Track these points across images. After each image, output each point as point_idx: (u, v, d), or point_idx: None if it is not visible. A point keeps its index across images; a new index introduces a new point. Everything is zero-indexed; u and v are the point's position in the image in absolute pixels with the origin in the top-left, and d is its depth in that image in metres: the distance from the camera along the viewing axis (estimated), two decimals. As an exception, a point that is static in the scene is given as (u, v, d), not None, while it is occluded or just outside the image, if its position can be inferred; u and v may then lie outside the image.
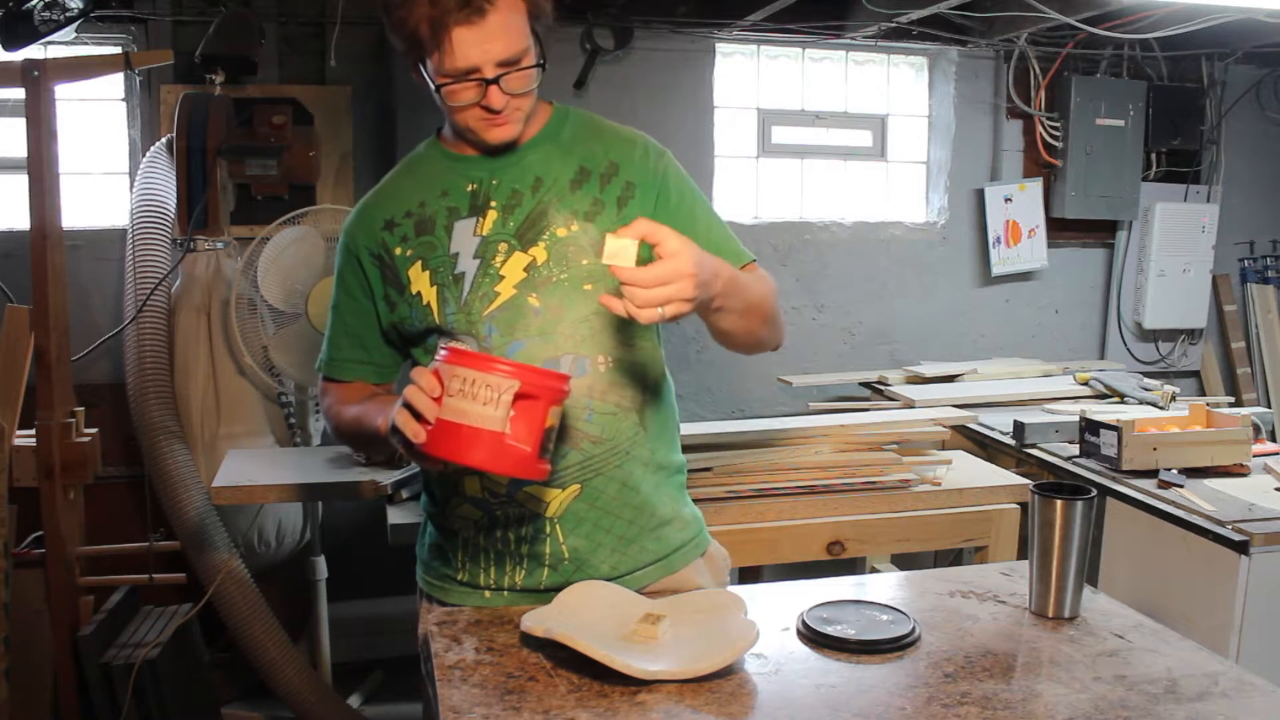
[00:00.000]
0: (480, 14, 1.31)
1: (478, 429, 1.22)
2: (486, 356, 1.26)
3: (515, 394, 1.22)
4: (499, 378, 1.23)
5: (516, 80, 1.38)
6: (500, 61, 1.35)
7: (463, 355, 1.26)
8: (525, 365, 1.25)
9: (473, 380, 1.23)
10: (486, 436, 1.22)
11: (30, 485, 2.39)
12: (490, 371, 1.23)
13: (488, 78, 1.36)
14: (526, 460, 1.25)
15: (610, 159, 1.50)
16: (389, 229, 1.51)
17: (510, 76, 1.37)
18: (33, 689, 2.44)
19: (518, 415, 1.23)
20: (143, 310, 3.04)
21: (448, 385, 1.24)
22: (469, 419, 1.22)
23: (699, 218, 1.52)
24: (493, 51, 1.34)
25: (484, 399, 1.22)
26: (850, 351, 4.03)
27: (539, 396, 1.24)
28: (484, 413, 1.22)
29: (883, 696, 1.20)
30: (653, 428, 1.53)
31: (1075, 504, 1.41)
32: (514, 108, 1.41)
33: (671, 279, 1.22)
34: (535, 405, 1.24)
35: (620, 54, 3.64)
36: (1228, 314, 4.36)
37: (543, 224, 1.46)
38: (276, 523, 3.18)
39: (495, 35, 1.33)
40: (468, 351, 1.28)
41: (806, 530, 2.35)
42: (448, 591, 1.56)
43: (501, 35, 1.34)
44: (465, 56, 1.34)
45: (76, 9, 2.91)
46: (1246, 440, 2.56)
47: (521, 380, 1.23)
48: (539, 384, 1.24)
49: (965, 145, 4.05)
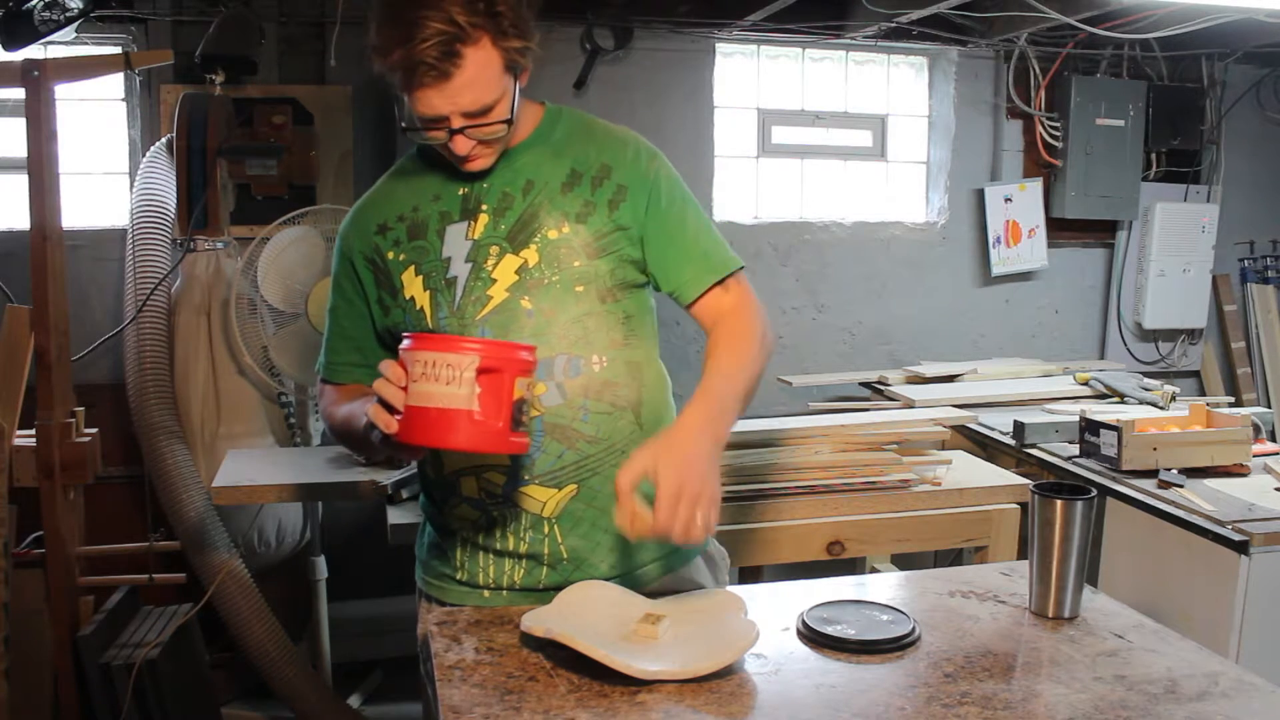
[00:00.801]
0: (445, 76, 1.32)
1: (445, 409, 1.22)
2: (445, 336, 1.26)
3: (477, 369, 1.22)
4: (457, 355, 1.22)
5: (484, 131, 1.39)
6: (467, 113, 1.36)
7: (422, 339, 1.26)
8: (485, 340, 1.25)
9: (433, 362, 1.23)
10: (455, 416, 1.22)
11: (30, 485, 2.39)
12: (448, 350, 1.23)
13: (453, 127, 1.37)
14: (499, 435, 1.24)
15: (602, 161, 1.50)
16: (382, 233, 1.51)
17: (478, 128, 1.38)
18: (33, 689, 2.44)
19: (484, 391, 1.23)
20: (143, 310, 3.04)
21: (411, 371, 1.24)
22: (435, 400, 1.22)
23: (688, 221, 1.52)
24: (460, 104, 1.35)
25: (446, 379, 1.22)
26: (850, 351, 4.03)
27: (502, 369, 1.24)
28: (448, 392, 1.22)
29: (883, 696, 1.20)
30: (650, 427, 1.53)
31: (1075, 504, 1.41)
32: (484, 149, 1.43)
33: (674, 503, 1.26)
34: (500, 378, 1.24)
35: (620, 54, 3.64)
36: (1228, 314, 4.36)
37: (534, 226, 1.46)
38: (276, 523, 3.18)
39: (462, 90, 1.34)
40: (427, 335, 1.29)
41: (806, 530, 2.35)
42: (447, 591, 1.56)
43: (469, 90, 1.34)
44: (432, 107, 1.35)
45: (76, 9, 2.91)
46: (1246, 440, 2.56)
47: (481, 355, 1.23)
48: (499, 356, 1.24)
49: (965, 145, 4.05)
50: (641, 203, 1.49)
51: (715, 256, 1.52)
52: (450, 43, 1.30)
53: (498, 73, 1.36)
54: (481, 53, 1.33)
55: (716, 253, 1.53)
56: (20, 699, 2.39)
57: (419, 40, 1.29)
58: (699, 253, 1.51)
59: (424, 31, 1.29)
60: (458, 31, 1.30)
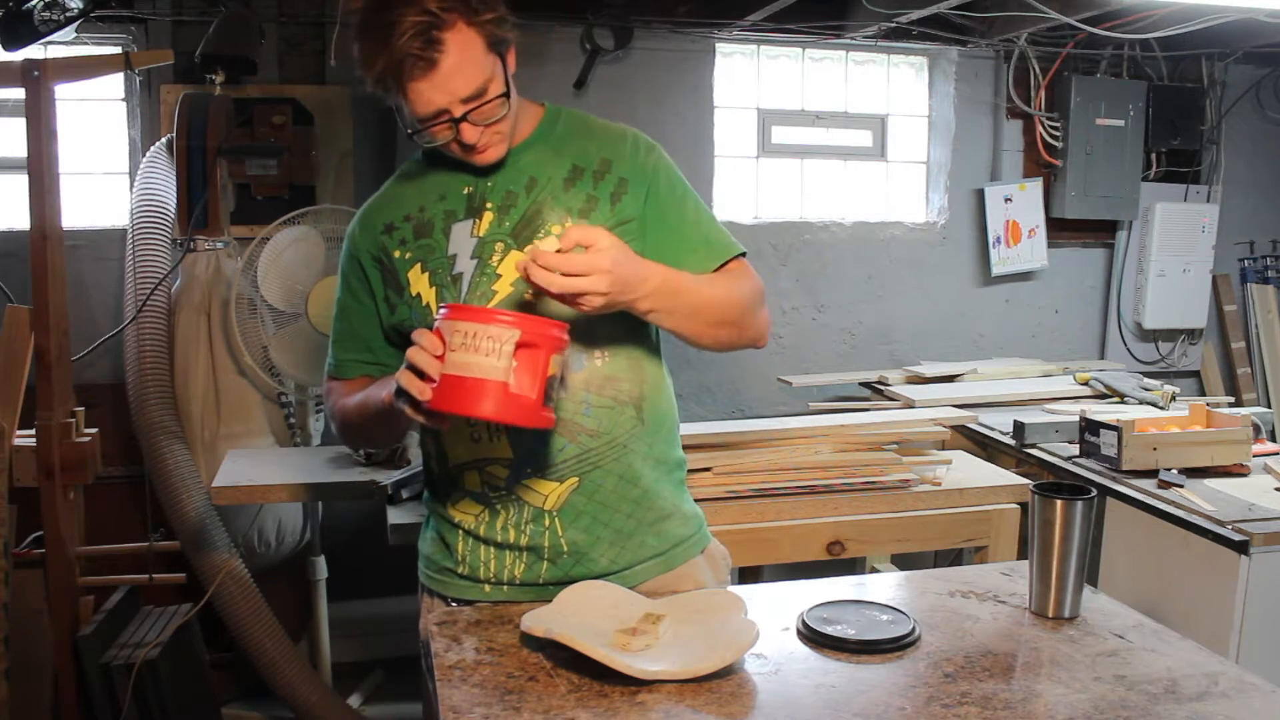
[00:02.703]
0: (431, 64, 1.34)
1: (482, 380, 1.24)
2: (485, 309, 1.28)
3: (516, 343, 1.24)
4: (500, 328, 1.24)
5: (485, 112, 1.40)
6: (464, 99, 1.38)
7: (462, 310, 1.28)
8: (524, 314, 1.27)
9: (474, 333, 1.24)
10: (491, 387, 1.24)
11: (30, 485, 2.39)
12: (491, 322, 1.25)
13: (455, 117, 1.39)
14: (532, 408, 1.26)
15: (602, 156, 1.52)
16: (388, 233, 1.53)
17: (478, 110, 1.39)
18: (33, 689, 2.44)
19: (520, 365, 1.25)
20: (143, 310, 3.03)
21: (449, 340, 1.26)
22: (472, 370, 1.24)
23: (688, 210, 1.54)
24: (454, 90, 1.37)
25: (486, 350, 1.24)
26: (850, 351, 4.03)
27: (540, 345, 1.26)
28: (487, 364, 1.24)
29: (883, 696, 1.20)
30: (651, 422, 1.54)
31: (1075, 504, 1.41)
32: (492, 133, 1.44)
33: (586, 271, 1.27)
34: (537, 354, 1.26)
35: (620, 54, 3.64)
36: (1228, 314, 4.36)
37: (538, 223, 1.48)
38: (276, 523, 3.18)
39: (452, 76, 1.35)
40: (467, 306, 1.31)
41: (806, 530, 2.35)
42: (448, 585, 1.57)
43: (458, 74, 1.36)
44: (428, 102, 1.37)
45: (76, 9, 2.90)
46: (1246, 440, 2.56)
47: (522, 329, 1.25)
48: (539, 332, 1.26)
49: (965, 145, 4.05)
50: (641, 194, 1.51)
51: (717, 244, 1.54)
52: (427, 30, 1.32)
53: (481, 52, 1.37)
54: (460, 35, 1.35)
55: (718, 240, 1.55)
56: (20, 699, 2.39)
57: (397, 36, 1.32)
58: (700, 240, 1.53)
59: (400, 27, 1.32)
60: (432, 19, 1.33)
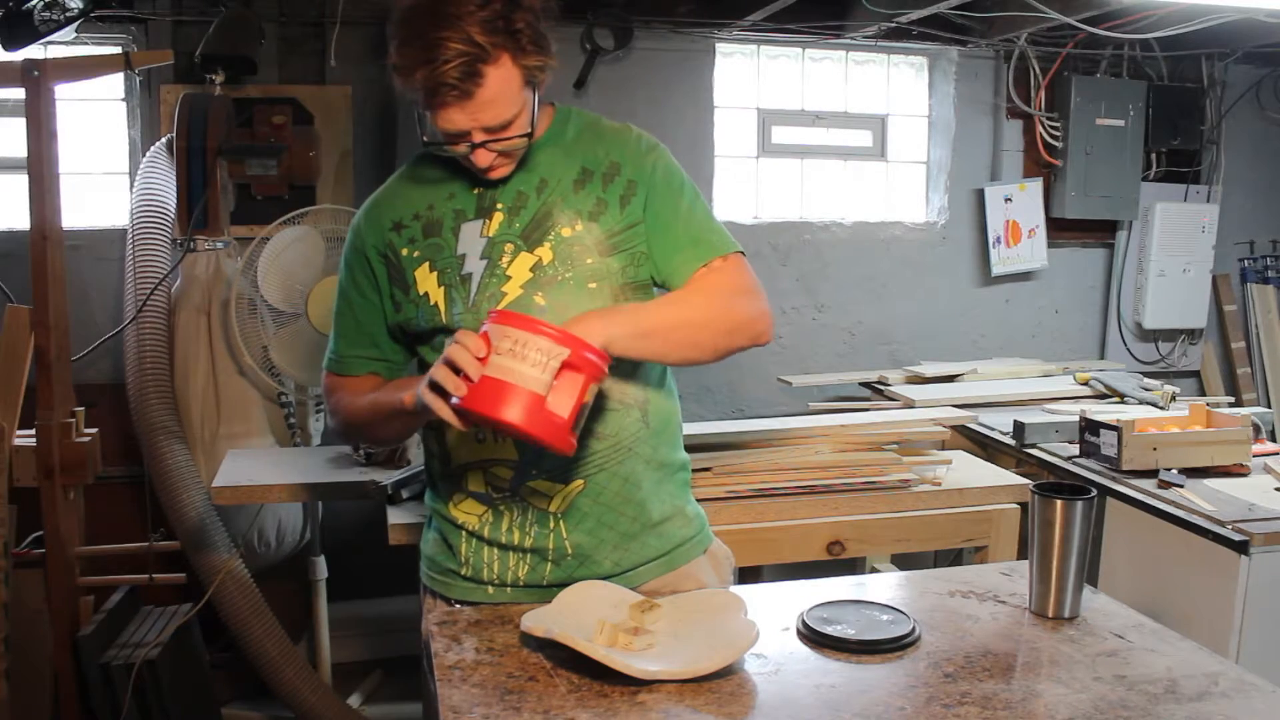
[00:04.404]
0: (467, 95, 1.34)
1: (521, 388, 1.24)
2: (540, 321, 1.28)
3: (563, 362, 1.25)
4: (551, 343, 1.26)
5: (504, 145, 1.41)
6: (488, 128, 1.38)
7: (516, 318, 1.29)
8: (575, 337, 1.27)
9: (525, 342, 1.26)
10: (528, 397, 1.25)
11: (30, 485, 2.39)
12: (543, 335, 1.26)
13: (474, 142, 1.39)
14: (561, 428, 1.27)
15: (612, 159, 1.52)
16: (397, 230, 1.53)
17: (498, 142, 1.40)
18: (33, 689, 2.44)
19: (560, 383, 1.26)
20: (143, 310, 3.03)
21: (496, 344, 1.27)
22: (514, 378, 1.25)
23: (681, 208, 1.52)
24: (481, 120, 1.37)
25: (533, 361, 1.25)
26: (850, 351, 4.03)
27: (583, 369, 1.27)
28: (531, 374, 1.25)
29: (883, 696, 1.20)
30: (655, 424, 1.55)
31: (1075, 504, 1.41)
32: (505, 159, 1.45)
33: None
34: (578, 378, 1.27)
35: (620, 54, 3.63)
36: (1228, 314, 4.36)
37: (548, 224, 1.48)
38: (276, 523, 3.18)
39: (484, 107, 1.36)
40: (522, 315, 1.30)
41: (806, 530, 2.35)
42: (451, 587, 1.57)
43: (490, 107, 1.36)
44: (454, 124, 1.38)
45: (76, 9, 2.91)
46: (1246, 440, 2.56)
47: (572, 349, 1.26)
48: (586, 357, 1.27)
49: (965, 145, 4.05)
50: (643, 194, 1.51)
51: (706, 241, 1.52)
52: (472, 63, 1.32)
53: (518, 89, 1.38)
54: (502, 70, 1.35)
55: (708, 237, 1.52)
56: (20, 699, 2.39)
57: (441, 61, 1.31)
58: (689, 239, 1.51)
59: (445, 53, 1.31)
60: (479, 52, 1.32)
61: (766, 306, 1.52)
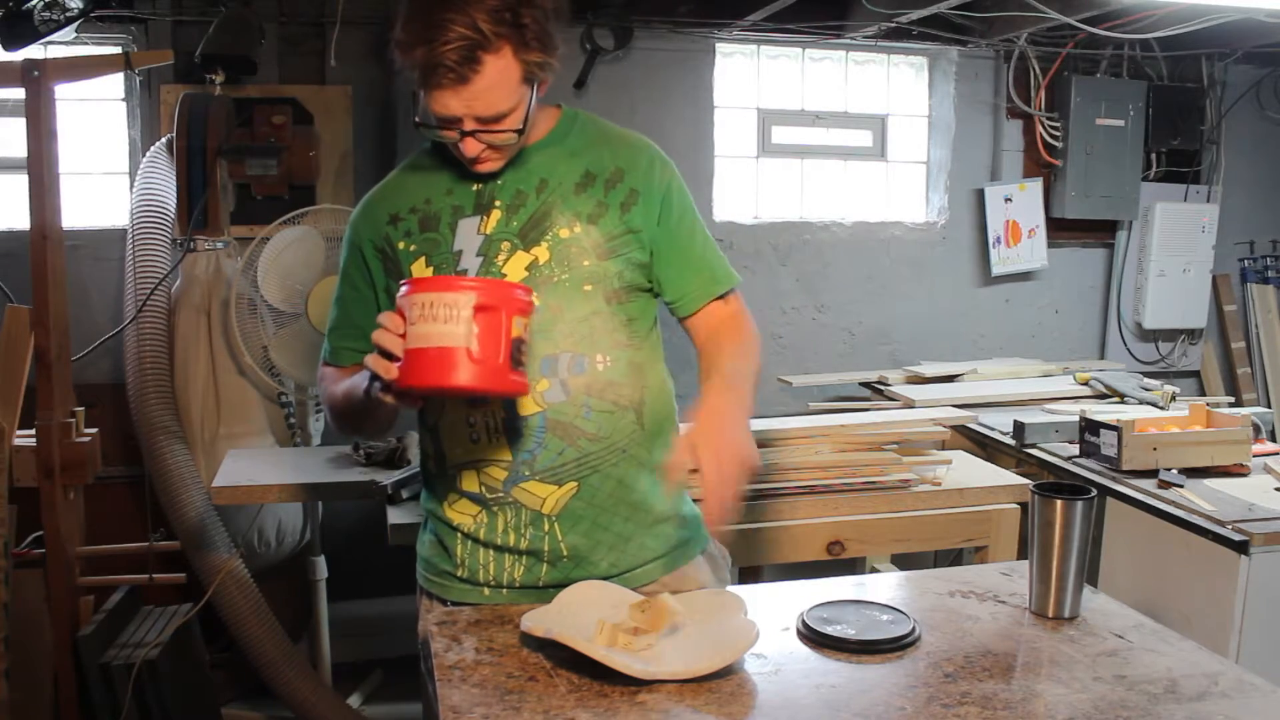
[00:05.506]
0: (462, 80, 1.34)
1: (443, 349, 1.22)
2: (440, 278, 1.27)
3: (474, 307, 1.23)
4: (454, 294, 1.23)
5: (494, 138, 1.41)
6: (480, 119, 1.38)
7: (418, 282, 1.27)
8: (480, 278, 1.25)
9: (430, 303, 1.23)
10: (453, 354, 1.22)
11: (30, 485, 2.39)
12: (445, 290, 1.24)
13: (464, 130, 1.39)
14: (499, 371, 1.25)
15: (617, 165, 1.52)
16: (393, 224, 1.53)
17: (488, 134, 1.40)
18: (33, 689, 2.44)
19: (482, 329, 1.24)
20: (143, 310, 3.03)
21: (408, 315, 1.25)
22: (432, 340, 1.23)
23: (697, 235, 1.57)
24: (474, 109, 1.37)
25: (444, 318, 1.22)
26: (850, 351, 4.03)
27: (498, 306, 1.25)
28: (445, 330, 1.22)
29: (883, 696, 1.20)
30: (651, 427, 1.54)
31: (1075, 504, 1.41)
32: (493, 153, 1.44)
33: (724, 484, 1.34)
34: (496, 315, 1.24)
35: (620, 54, 3.63)
36: (1228, 314, 4.36)
37: (546, 224, 1.48)
38: (276, 523, 3.18)
39: (478, 96, 1.36)
40: (422, 278, 1.29)
41: (806, 530, 2.35)
42: (448, 589, 1.57)
43: (484, 97, 1.36)
44: (446, 108, 1.37)
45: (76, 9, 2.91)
46: (1246, 440, 2.56)
47: (477, 292, 1.24)
48: (496, 294, 1.25)
49: (965, 145, 4.05)
50: (654, 210, 1.51)
51: (719, 271, 1.58)
52: (472, 49, 1.32)
53: (515, 83, 1.38)
54: (502, 61, 1.35)
55: (720, 268, 1.59)
56: (20, 699, 2.39)
57: (441, 42, 1.31)
58: (704, 266, 1.57)
59: (446, 34, 1.30)
60: (480, 39, 1.32)
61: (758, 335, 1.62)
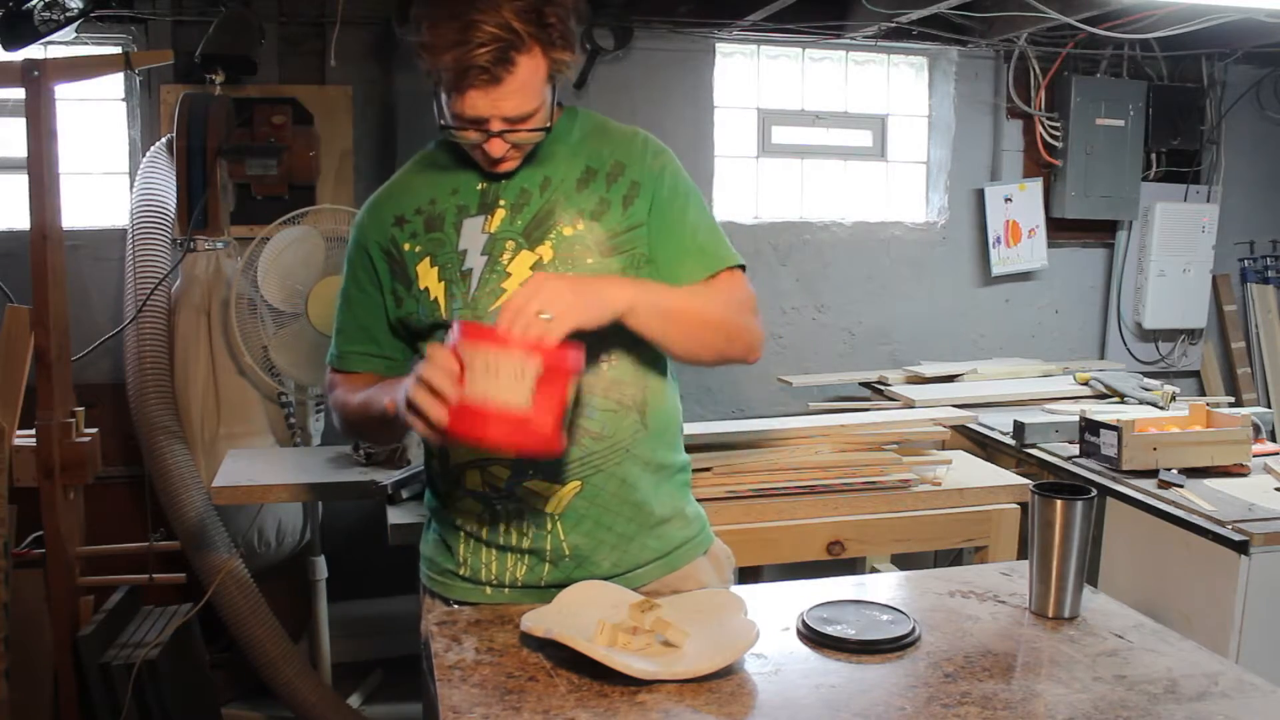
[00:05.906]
0: (496, 81, 1.34)
1: (503, 408, 1.23)
2: (508, 332, 1.26)
3: (539, 371, 1.24)
4: (523, 356, 1.23)
5: (520, 137, 1.41)
6: (508, 118, 1.38)
7: (483, 331, 1.27)
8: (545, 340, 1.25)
9: (498, 359, 1.23)
10: (510, 416, 1.23)
11: (30, 485, 2.39)
12: (512, 349, 1.24)
13: (491, 130, 1.39)
14: (549, 437, 1.26)
15: (616, 159, 1.52)
16: (399, 225, 1.53)
17: (515, 133, 1.40)
18: (33, 689, 2.44)
19: (540, 392, 1.24)
20: (143, 310, 3.03)
21: (469, 364, 1.24)
22: (493, 398, 1.23)
23: (688, 216, 1.53)
24: (503, 109, 1.37)
25: (508, 377, 1.23)
26: (850, 351, 4.03)
27: (560, 372, 1.25)
28: (508, 392, 1.23)
29: (883, 696, 1.20)
30: (654, 426, 1.54)
31: (1075, 504, 1.41)
32: (516, 152, 1.44)
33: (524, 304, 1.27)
34: (557, 381, 1.25)
35: (620, 54, 3.63)
36: (1228, 314, 4.36)
37: (549, 223, 1.48)
38: (276, 523, 3.18)
39: (508, 95, 1.36)
40: (486, 328, 1.28)
41: (806, 530, 2.35)
42: (450, 587, 1.57)
43: (514, 96, 1.36)
44: (475, 108, 1.37)
45: (76, 9, 2.91)
46: (1246, 440, 2.56)
47: (544, 356, 1.24)
48: (560, 359, 1.26)
49: (965, 145, 4.05)
50: (648, 197, 1.51)
51: (711, 251, 1.53)
52: (506, 49, 1.32)
53: (542, 81, 1.39)
54: (533, 60, 1.36)
55: (713, 248, 1.53)
56: (20, 699, 2.39)
57: (475, 44, 1.31)
58: (695, 247, 1.52)
59: (479, 35, 1.31)
60: (513, 39, 1.32)
61: (761, 327, 1.55)
